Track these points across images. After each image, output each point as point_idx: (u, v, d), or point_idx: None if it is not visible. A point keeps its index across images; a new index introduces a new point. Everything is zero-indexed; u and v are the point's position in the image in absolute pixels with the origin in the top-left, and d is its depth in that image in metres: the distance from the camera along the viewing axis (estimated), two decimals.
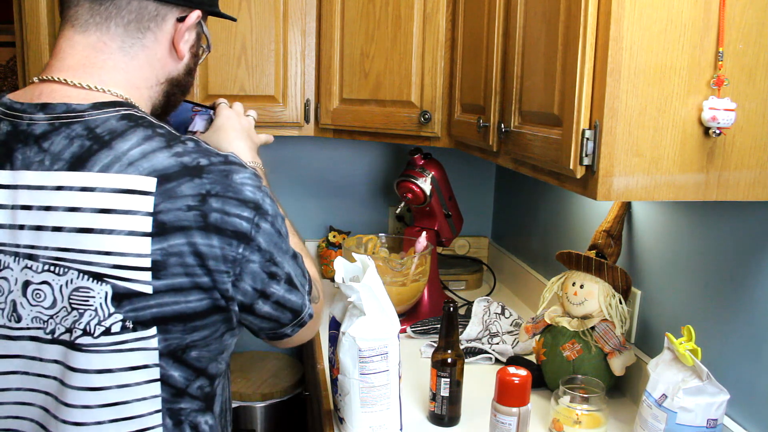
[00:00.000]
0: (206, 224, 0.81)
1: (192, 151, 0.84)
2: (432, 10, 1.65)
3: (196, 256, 0.81)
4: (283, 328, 0.95)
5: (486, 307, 1.76)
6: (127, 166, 0.81)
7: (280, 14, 1.86)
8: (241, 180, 0.85)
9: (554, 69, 1.03)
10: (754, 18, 0.92)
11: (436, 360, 1.28)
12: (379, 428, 1.20)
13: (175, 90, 0.99)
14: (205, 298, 0.84)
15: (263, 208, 0.86)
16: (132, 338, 0.83)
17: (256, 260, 0.85)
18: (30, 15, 1.74)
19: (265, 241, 0.86)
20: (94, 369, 0.84)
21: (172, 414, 0.89)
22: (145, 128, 0.85)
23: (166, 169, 0.82)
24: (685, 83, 0.92)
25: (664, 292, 1.35)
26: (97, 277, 0.81)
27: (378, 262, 1.64)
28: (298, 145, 2.31)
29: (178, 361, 0.86)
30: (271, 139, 1.32)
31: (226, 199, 0.83)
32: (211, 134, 1.19)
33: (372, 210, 2.40)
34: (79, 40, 0.89)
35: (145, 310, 0.82)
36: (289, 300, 0.92)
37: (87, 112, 0.85)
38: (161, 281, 0.81)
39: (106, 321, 0.82)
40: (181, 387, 0.88)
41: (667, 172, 0.94)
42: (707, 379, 1.07)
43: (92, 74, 0.88)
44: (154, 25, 0.91)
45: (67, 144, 0.83)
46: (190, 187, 0.81)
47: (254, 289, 0.87)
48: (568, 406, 1.24)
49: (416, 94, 1.70)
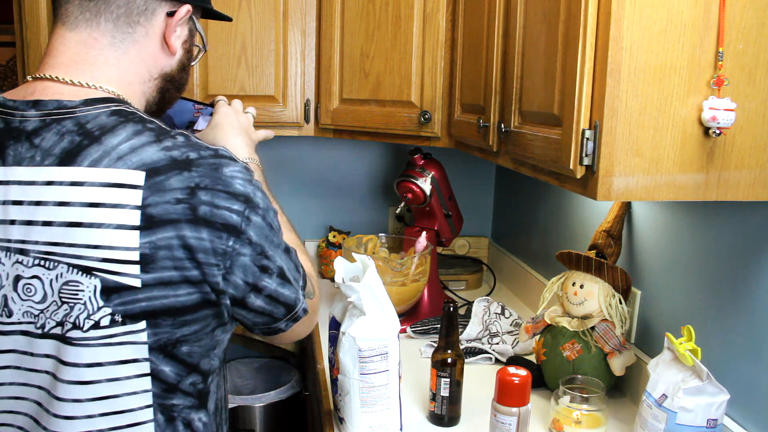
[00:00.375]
0: (195, 217, 0.81)
1: (181, 145, 0.85)
2: (432, 10, 1.65)
3: (185, 249, 0.81)
4: (277, 323, 0.95)
5: (486, 307, 1.76)
6: (116, 160, 0.82)
7: (280, 14, 1.86)
8: (231, 173, 0.85)
9: (554, 69, 1.03)
10: (754, 18, 0.92)
11: (436, 360, 1.29)
12: (379, 428, 1.20)
13: (168, 86, 0.99)
14: (195, 292, 0.84)
15: (254, 201, 0.86)
16: (121, 332, 0.83)
17: (246, 253, 0.85)
18: (30, 15, 1.74)
19: (256, 234, 0.86)
20: (84, 363, 0.84)
21: (164, 409, 0.88)
22: (135, 123, 0.85)
23: (155, 162, 0.82)
24: (685, 83, 0.92)
25: (664, 292, 1.35)
26: (86, 271, 0.82)
27: (378, 262, 1.64)
28: (298, 145, 2.31)
29: (169, 355, 0.86)
30: (271, 135, 1.32)
31: (216, 191, 0.83)
32: (208, 131, 1.20)
33: (372, 210, 2.40)
34: (70, 38, 0.90)
35: (134, 303, 0.82)
36: (282, 294, 0.92)
37: (78, 108, 0.86)
38: (150, 275, 0.81)
39: (95, 315, 0.82)
40: (173, 382, 0.88)
41: (667, 172, 0.94)
42: (707, 379, 1.07)
43: (84, 71, 0.89)
44: (143, 20, 0.92)
45: (57, 140, 0.84)
46: (178, 180, 0.81)
47: (246, 282, 0.87)
48: (568, 406, 1.24)
49: (416, 94, 1.70)
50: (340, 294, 1.24)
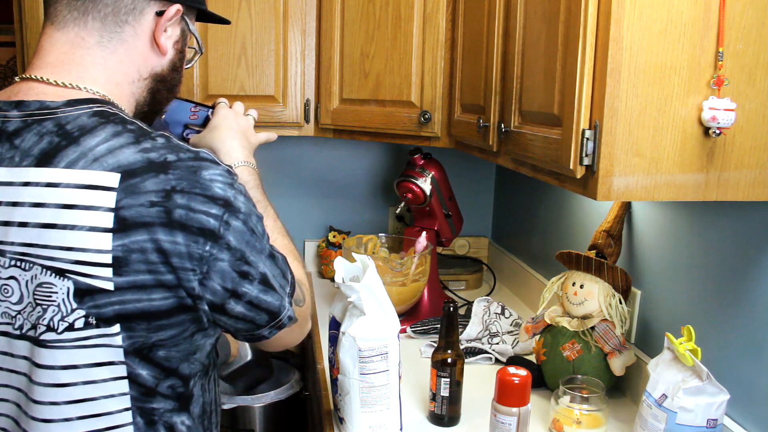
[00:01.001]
0: (170, 220, 0.80)
1: (160, 147, 0.83)
2: (432, 10, 1.65)
3: (159, 253, 0.80)
4: (260, 330, 0.92)
5: (486, 307, 1.76)
6: (92, 162, 0.81)
7: (280, 14, 1.86)
8: (211, 176, 0.83)
9: (554, 69, 1.03)
10: (754, 18, 0.91)
11: (436, 360, 1.29)
12: (379, 428, 1.20)
13: (159, 86, 0.98)
14: (171, 297, 0.82)
15: (234, 205, 0.84)
16: (95, 334, 0.82)
17: (225, 258, 0.83)
18: (30, 15, 1.74)
19: (236, 239, 0.84)
20: (60, 365, 0.83)
21: (143, 413, 0.87)
22: (116, 124, 0.84)
23: (131, 164, 0.81)
24: (685, 83, 0.92)
25: (664, 292, 1.35)
26: (60, 273, 0.81)
27: (378, 262, 1.64)
28: (298, 145, 2.31)
29: (145, 359, 0.85)
30: (274, 137, 1.31)
31: (192, 195, 0.81)
32: (206, 133, 1.19)
33: (372, 210, 2.40)
34: (58, 37, 0.89)
35: (106, 306, 0.81)
36: (264, 301, 0.89)
37: (60, 109, 0.85)
38: (123, 278, 0.80)
39: (69, 317, 0.81)
40: (151, 386, 0.87)
41: (667, 172, 0.94)
42: (707, 379, 1.07)
43: (70, 71, 0.89)
44: (132, 19, 0.91)
45: (36, 141, 0.84)
46: (154, 182, 0.80)
47: (224, 288, 0.85)
48: (568, 406, 1.24)
49: (416, 94, 1.70)
50: (340, 294, 1.24)
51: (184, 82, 1.84)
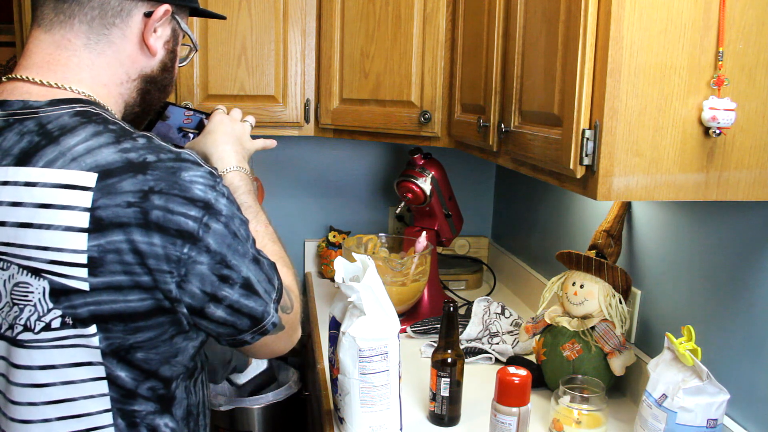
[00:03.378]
0: (147, 222, 0.79)
1: (141, 148, 0.82)
2: (432, 10, 1.65)
3: (135, 254, 0.79)
4: (242, 335, 0.91)
5: (486, 307, 1.76)
6: (70, 161, 0.81)
7: (280, 14, 1.86)
8: (191, 178, 0.82)
9: (554, 69, 1.03)
10: (754, 18, 0.92)
11: (436, 360, 1.29)
12: (379, 428, 1.20)
13: (150, 87, 0.97)
14: (148, 298, 0.82)
15: (215, 207, 0.83)
16: (72, 334, 0.81)
17: (204, 261, 0.82)
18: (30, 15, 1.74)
19: (216, 242, 0.83)
20: (37, 365, 0.83)
21: (124, 414, 0.87)
22: (97, 124, 0.84)
23: (109, 164, 0.80)
24: (685, 83, 0.92)
25: (664, 292, 1.35)
26: (36, 272, 0.80)
27: (378, 262, 1.64)
28: (298, 145, 2.31)
29: (123, 361, 0.84)
30: (272, 144, 1.30)
31: (171, 196, 0.80)
32: (200, 138, 1.19)
33: (372, 210, 2.40)
34: (44, 39, 0.89)
35: (82, 307, 0.80)
36: (246, 305, 0.88)
37: (42, 109, 0.85)
38: (98, 278, 0.79)
39: (45, 317, 0.81)
40: (131, 388, 0.86)
41: (667, 172, 0.94)
42: (707, 379, 1.07)
43: (56, 72, 0.88)
44: (119, 21, 0.90)
45: (17, 140, 0.83)
46: (131, 183, 0.79)
47: (203, 291, 0.84)
48: (568, 406, 1.24)
49: (416, 94, 1.70)
50: (340, 294, 1.24)
51: (184, 82, 1.86)
